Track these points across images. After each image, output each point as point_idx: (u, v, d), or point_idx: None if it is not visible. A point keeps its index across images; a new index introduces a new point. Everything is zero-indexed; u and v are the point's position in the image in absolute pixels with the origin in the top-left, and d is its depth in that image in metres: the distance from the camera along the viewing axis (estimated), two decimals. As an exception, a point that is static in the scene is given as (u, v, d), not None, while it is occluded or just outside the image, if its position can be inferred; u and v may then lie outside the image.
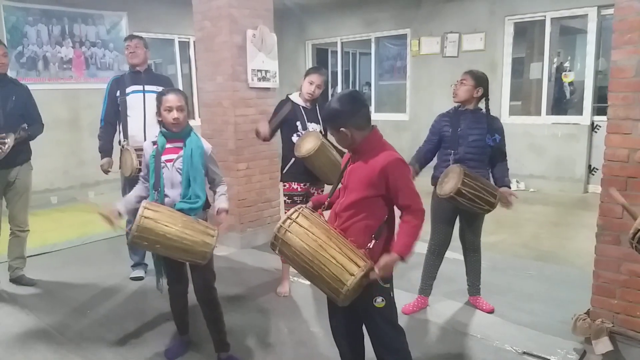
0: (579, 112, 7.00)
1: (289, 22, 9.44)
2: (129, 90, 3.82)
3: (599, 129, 6.64)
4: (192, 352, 2.91)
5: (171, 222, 2.39)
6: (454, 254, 3.59)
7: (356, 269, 1.88)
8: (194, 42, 6.17)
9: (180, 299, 2.82)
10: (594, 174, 6.78)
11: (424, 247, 3.28)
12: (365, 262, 1.91)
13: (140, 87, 3.83)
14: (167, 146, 2.61)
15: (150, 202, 2.50)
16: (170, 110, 2.55)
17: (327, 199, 2.23)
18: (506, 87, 7.37)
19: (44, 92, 5.73)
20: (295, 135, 3.41)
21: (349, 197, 2.04)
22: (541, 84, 7.21)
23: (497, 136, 3.16)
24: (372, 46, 9.03)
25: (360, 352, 2.31)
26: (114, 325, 3.26)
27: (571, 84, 8.15)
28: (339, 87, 9.74)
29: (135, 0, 7.39)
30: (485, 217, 3.26)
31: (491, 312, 3.31)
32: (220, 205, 2.68)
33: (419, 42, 8.11)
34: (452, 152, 3.13)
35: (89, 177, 6.98)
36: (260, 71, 4.68)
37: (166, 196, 2.58)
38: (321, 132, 3.43)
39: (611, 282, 2.57)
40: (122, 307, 3.56)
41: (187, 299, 2.84)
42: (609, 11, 6.19)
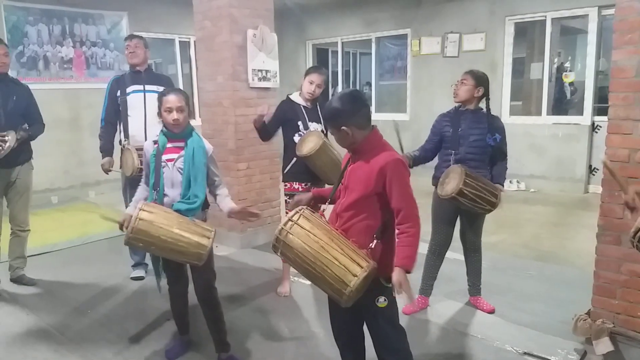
0: (580, 112, 7.00)
1: (290, 22, 9.44)
2: (129, 90, 3.82)
3: (599, 129, 6.63)
4: (193, 352, 2.91)
5: (166, 223, 2.39)
6: (455, 254, 3.59)
7: (359, 270, 1.87)
8: (195, 41, 6.17)
9: (180, 299, 2.82)
10: (594, 174, 6.78)
11: (424, 247, 3.26)
12: (367, 263, 1.91)
13: (140, 87, 3.83)
14: (168, 145, 2.60)
15: (147, 203, 2.50)
16: (170, 111, 2.54)
17: (329, 194, 2.23)
18: (506, 87, 7.36)
19: (44, 91, 5.72)
20: (296, 134, 3.42)
21: (350, 197, 2.04)
22: (542, 84, 7.21)
23: (498, 135, 3.16)
24: (373, 46, 9.03)
25: (360, 352, 2.30)
26: (114, 325, 3.26)
27: (572, 84, 8.15)
28: (339, 87, 9.74)
29: (135, 0, 7.39)
30: (485, 217, 3.27)
31: (492, 312, 3.31)
32: (228, 206, 2.67)
33: (420, 42, 8.11)
34: (453, 152, 3.13)
35: (90, 177, 6.98)
36: (260, 71, 4.68)
37: (165, 195, 2.58)
38: (322, 131, 3.43)
39: (612, 282, 2.57)
40: (122, 307, 3.56)
41: (187, 298, 2.84)
42: (610, 11, 6.18)
